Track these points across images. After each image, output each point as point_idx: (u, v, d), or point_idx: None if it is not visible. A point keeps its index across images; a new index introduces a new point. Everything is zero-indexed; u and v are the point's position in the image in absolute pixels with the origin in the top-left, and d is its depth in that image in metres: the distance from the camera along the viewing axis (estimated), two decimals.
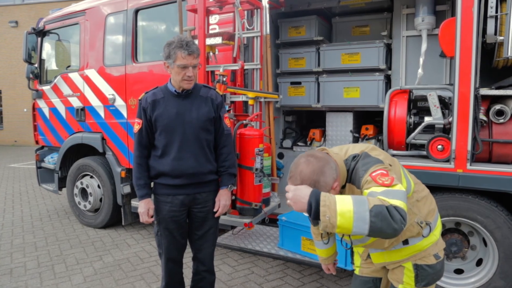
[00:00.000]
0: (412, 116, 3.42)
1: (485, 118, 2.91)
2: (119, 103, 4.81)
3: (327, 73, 4.58)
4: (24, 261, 4.17)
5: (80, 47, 5.23)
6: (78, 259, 4.22)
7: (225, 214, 3.31)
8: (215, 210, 2.59)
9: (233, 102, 3.74)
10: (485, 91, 2.89)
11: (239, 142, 3.34)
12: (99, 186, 5.13)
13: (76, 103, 5.25)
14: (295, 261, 3.57)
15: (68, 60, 5.80)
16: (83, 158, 5.31)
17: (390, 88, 4.06)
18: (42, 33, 5.70)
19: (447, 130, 3.16)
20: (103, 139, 5.00)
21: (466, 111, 2.84)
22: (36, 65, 5.72)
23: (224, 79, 3.47)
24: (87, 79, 5.09)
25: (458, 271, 3.18)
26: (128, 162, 4.80)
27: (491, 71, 3.39)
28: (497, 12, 2.85)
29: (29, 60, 5.62)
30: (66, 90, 5.37)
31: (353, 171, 1.67)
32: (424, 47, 3.80)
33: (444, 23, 3.13)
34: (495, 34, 2.89)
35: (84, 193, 5.27)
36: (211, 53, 3.85)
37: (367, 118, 4.78)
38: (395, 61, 4.35)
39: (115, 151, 4.92)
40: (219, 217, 2.68)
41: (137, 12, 4.68)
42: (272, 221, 3.89)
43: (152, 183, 2.60)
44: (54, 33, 5.69)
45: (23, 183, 8.69)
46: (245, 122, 3.45)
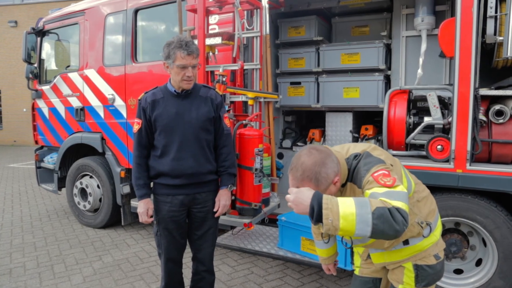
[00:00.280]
0: (411, 116, 3.42)
1: (484, 118, 2.91)
2: (119, 103, 4.81)
3: (327, 73, 4.58)
4: (23, 261, 4.16)
5: (79, 47, 5.23)
6: (77, 259, 4.21)
7: (225, 214, 3.30)
8: (214, 210, 2.59)
9: (232, 102, 3.74)
10: (484, 91, 2.89)
11: (238, 142, 3.34)
12: (98, 186, 5.12)
13: (75, 103, 5.25)
14: (295, 261, 3.57)
15: (67, 60, 5.79)
16: (83, 158, 5.31)
17: (389, 88, 4.06)
18: (41, 33, 5.70)
19: (446, 130, 3.17)
20: (103, 139, 5.00)
21: (465, 111, 2.84)
22: (35, 65, 5.71)
23: (223, 79, 3.47)
24: (87, 79, 5.09)
25: (457, 271, 3.18)
26: (127, 162, 4.80)
27: (491, 71, 3.39)
28: (496, 12, 2.86)
29: (28, 60, 5.61)
30: (65, 90, 5.37)
31: (355, 170, 1.67)
32: (423, 47, 3.80)
33: (443, 23, 3.13)
34: (495, 34, 2.89)
35: (83, 193, 5.26)
36: (210, 53, 3.84)
37: (367, 118, 4.78)
38: (395, 61, 4.35)
39: (115, 151, 4.92)
40: (218, 217, 2.68)
41: (136, 12, 4.68)
42: (271, 221, 3.89)
43: (151, 183, 2.60)
44: (53, 33, 5.69)
45: (23, 183, 8.68)
46: (244, 122, 3.45)
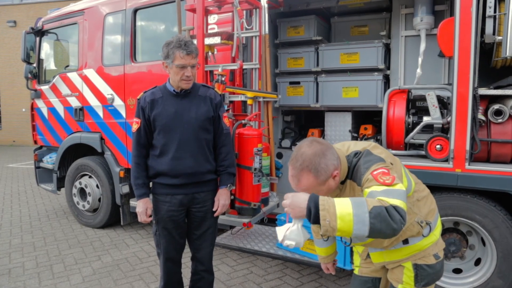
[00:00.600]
0: (410, 115, 3.42)
1: (483, 117, 2.91)
2: (118, 103, 4.80)
3: (326, 73, 4.58)
4: (22, 261, 4.16)
5: (78, 46, 5.23)
6: (76, 259, 4.21)
7: (224, 213, 3.30)
8: (214, 209, 2.59)
9: (232, 102, 3.73)
10: (483, 91, 2.90)
11: (237, 141, 3.34)
12: (97, 186, 5.12)
13: (74, 103, 5.25)
14: (294, 261, 3.57)
15: (66, 60, 5.79)
16: (82, 158, 5.30)
17: (389, 88, 4.07)
18: (40, 33, 5.69)
19: (445, 129, 3.17)
20: (102, 139, 5.00)
21: (464, 111, 2.85)
22: (34, 65, 5.71)
23: (223, 79, 3.47)
24: (86, 79, 5.09)
25: (456, 271, 3.18)
26: (127, 162, 4.79)
27: (490, 71, 3.39)
28: (495, 12, 2.86)
29: (27, 60, 5.61)
30: (64, 90, 5.36)
31: (355, 168, 1.67)
32: (422, 47, 3.80)
33: (442, 23, 3.14)
34: (494, 34, 2.89)
35: (82, 193, 5.26)
36: (210, 53, 3.84)
37: (366, 118, 4.78)
38: (394, 61, 4.35)
39: (114, 151, 4.92)
40: (218, 217, 2.68)
41: (135, 11, 4.68)
42: (271, 220, 3.90)
43: (150, 183, 2.59)
44: (52, 32, 5.69)
45: (22, 183, 8.67)
46: (244, 121, 3.44)
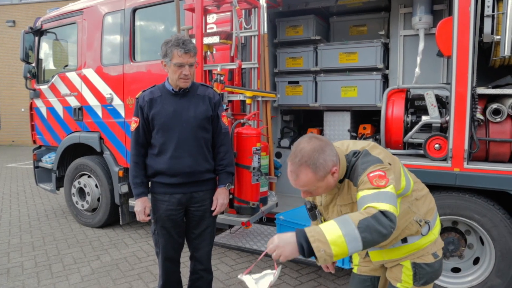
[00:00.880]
0: (409, 115, 3.43)
1: (482, 117, 2.92)
2: (117, 102, 4.80)
3: (325, 73, 4.59)
4: (21, 261, 4.15)
5: (77, 46, 5.23)
6: (75, 258, 4.21)
7: (223, 213, 3.31)
8: (212, 208, 2.59)
9: (230, 101, 3.74)
10: (482, 90, 2.90)
11: (236, 141, 3.34)
12: (96, 185, 5.12)
13: (73, 102, 5.25)
14: (293, 261, 3.57)
15: (65, 59, 5.78)
16: (81, 157, 5.30)
17: (387, 87, 4.07)
18: (39, 32, 5.69)
19: (444, 129, 3.17)
20: (101, 138, 5.00)
21: (463, 110, 2.85)
22: (33, 65, 5.70)
23: (221, 78, 3.47)
24: (85, 79, 5.09)
25: (455, 270, 3.19)
26: (125, 161, 4.79)
27: (488, 70, 3.40)
28: (493, 11, 2.86)
29: (26, 59, 5.60)
30: (63, 89, 5.36)
31: (353, 168, 1.67)
32: (421, 46, 3.80)
33: (441, 22, 3.14)
34: (492, 33, 2.89)
35: (81, 192, 5.26)
36: (208, 52, 3.85)
37: (365, 117, 4.79)
38: (393, 60, 4.36)
39: (113, 151, 4.92)
40: (216, 216, 2.68)
41: (134, 11, 4.68)
42: (269, 220, 3.90)
43: (149, 182, 2.59)
44: (51, 32, 5.68)
45: (21, 183, 8.66)
46: (242, 121, 3.45)
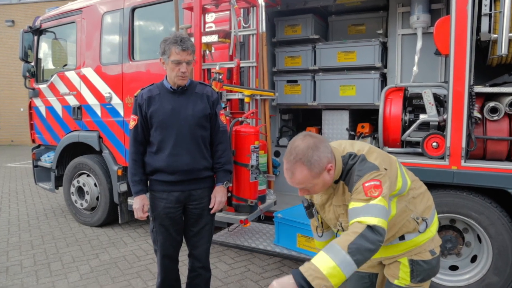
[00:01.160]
0: (407, 113, 3.44)
1: (479, 115, 2.93)
2: (116, 101, 4.81)
3: (323, 72, 4.60)
4: (20, 259, 4.16)
5: (76, 45, 5.23)
6: (74, 257, 4.22)
7: (221, 211, 3.32)
8: (210, 206, 2.60)
9: (229, 100, 3.74)
10: (479, 89, 2.91)
11: (234, 139, 3.35)
12: (95, 184, 5.12)
13: (72, 101, 5.25)
14: (291, 258, 3.58)
15: (64, 58, 5.78)
16: (80, 156, 5.30)
17: (385, 86, 4.08)
18: (38, 32, 5.69)
19: (442, 127, 3.19)
20: (100, 137, 5.00)
21: (460, 109, 2.86)
22: (32, 64, 5.70)
23: (220, 77, 3.48)
24: (84, 78, 5.09)
25: (453, 268, 3.19)
26: (124, 160, 4.79)
27: (485, 69, 3.41)
28: (491, 10, 2.87)
29: (25, 58, 5.59)
30: (62, 88, 5.36)
31: (349, 172, 1.68)
32: (419, 45, 3.82)
33: (439, 21, 3.15)
34: (489, 32, 2.90)
35: (80, 191, 5.26)
36: (207, 51, 3.85)
37: (363, 116, 4.80)
38: (391, 59, 4.37)
39: (112, 150, 4.92)
40: (214, 214, 2.69)
41: (133, 10, 4.69)
42: (268, 218, 3.91)
43: (147, 180, 2.60)
44: (50, 31, 5.68)
45: (20, 182, 8.66)
46: (241, 119, 3.46)
